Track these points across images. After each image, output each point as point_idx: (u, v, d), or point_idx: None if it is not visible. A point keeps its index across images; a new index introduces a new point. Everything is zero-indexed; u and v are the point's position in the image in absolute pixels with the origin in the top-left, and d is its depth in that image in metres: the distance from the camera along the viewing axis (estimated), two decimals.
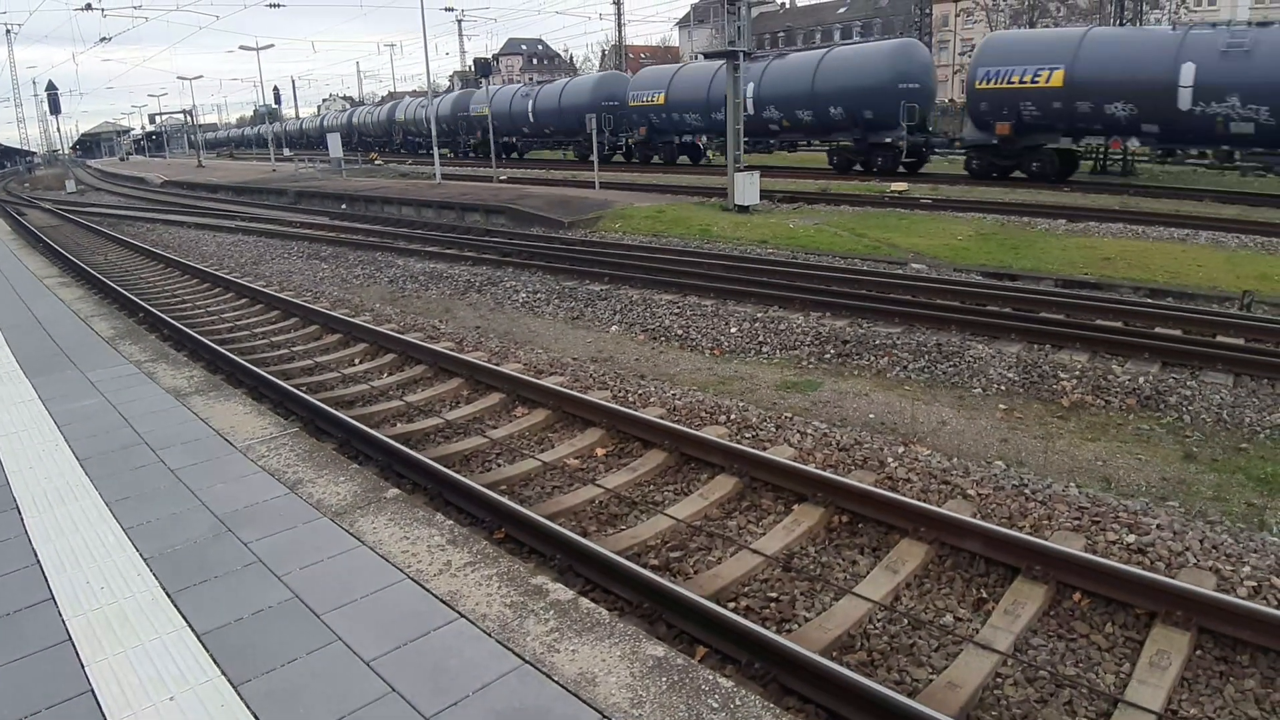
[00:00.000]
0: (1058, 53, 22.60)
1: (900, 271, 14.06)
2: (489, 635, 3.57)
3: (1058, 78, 22.39)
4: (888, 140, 27.60)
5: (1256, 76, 19.07)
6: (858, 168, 29.33)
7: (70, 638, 3.71)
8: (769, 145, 32.40)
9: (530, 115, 42.50)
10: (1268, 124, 19.30)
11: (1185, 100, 20.16)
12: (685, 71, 34.95)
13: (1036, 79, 22.80)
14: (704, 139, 34.55)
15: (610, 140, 37.99)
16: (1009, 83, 23.39)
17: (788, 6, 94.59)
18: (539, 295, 13.69)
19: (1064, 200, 20.12)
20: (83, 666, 3.50)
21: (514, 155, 46.69)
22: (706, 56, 30.35)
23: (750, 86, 28.93)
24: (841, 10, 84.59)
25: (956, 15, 70.56)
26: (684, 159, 37.23)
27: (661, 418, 7.36)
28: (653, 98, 35.05)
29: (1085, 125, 22.75)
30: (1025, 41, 24.99)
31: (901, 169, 27.85)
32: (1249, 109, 19.37)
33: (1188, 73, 19.89)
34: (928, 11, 48.41)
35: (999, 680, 4.18)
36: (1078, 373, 8.71)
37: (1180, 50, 20.18)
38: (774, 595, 4.96)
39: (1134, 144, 22.97)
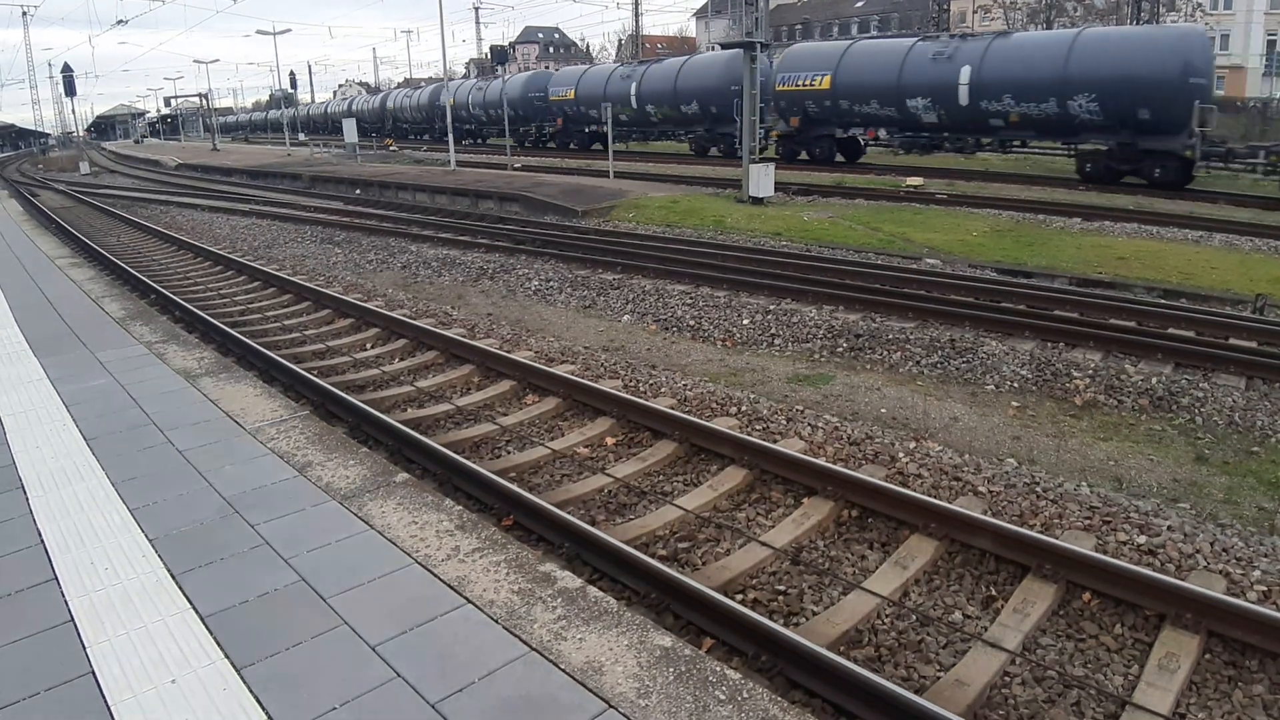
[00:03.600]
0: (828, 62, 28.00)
1: (914, 266, 13.97)
2: (496, 622, 3.57)
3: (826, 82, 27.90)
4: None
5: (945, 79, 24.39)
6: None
7: (72, 618, 3.72)
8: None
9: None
10: (942, 116, 25.24)
11: (908, 102, 25.68)
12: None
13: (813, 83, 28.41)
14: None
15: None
16: (796, 85, 28.94)
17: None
18: (551, 283, 13.68)
19: (1079, 199, 20.01)
20: (84, 648, 3.51)
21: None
22: (723, 47, 30.21)
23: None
24: (859, 4, 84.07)
25: (974, 12, 70.17)
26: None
27: (672, 408, 7.33)
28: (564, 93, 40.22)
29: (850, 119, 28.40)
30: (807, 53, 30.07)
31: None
32: (935, 104, 25.19)
33: (907, 78, 25.48)
34: (945, 7, 47.96)
35: (1007, 679, 4.16)
36: (1091, 372, 8.66)
37: (904, 60, 25.58)
38: (782, 588, 4.95)
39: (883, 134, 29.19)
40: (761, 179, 20.90)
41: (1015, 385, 8.72)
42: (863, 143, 31.59)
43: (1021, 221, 17.74)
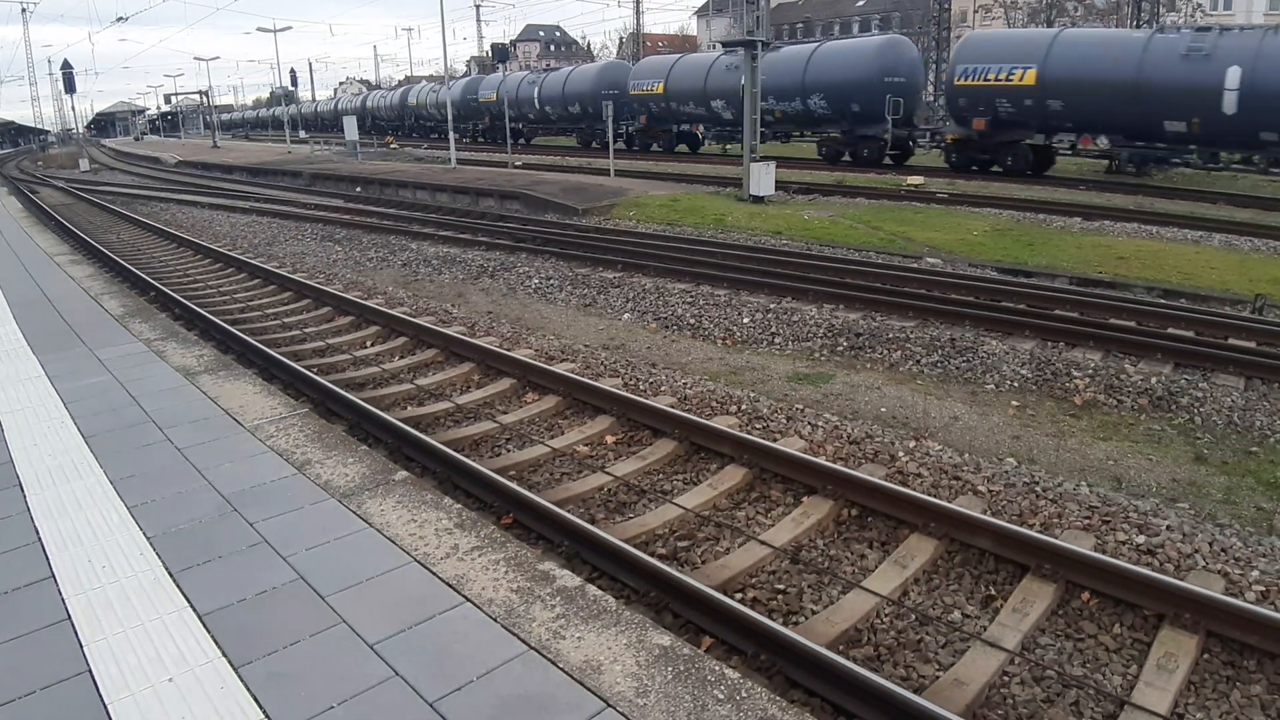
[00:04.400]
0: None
1: (915, 265, 13.97)
2: (495, 620, 3.56)
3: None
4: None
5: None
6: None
7: (69, 617, 3.71)
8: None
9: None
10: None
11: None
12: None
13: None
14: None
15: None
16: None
17: None
18: (551, 281, 13.67)
19: (1079, 198, 20.01)
20: (81, 646, 3.50)
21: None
22: (724, 46, 30.18)
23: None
24: (860, 3, 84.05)
25: (975, 11, 70.24)
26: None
27: (672, 406, 7.33)
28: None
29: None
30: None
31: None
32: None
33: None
34: (946, 6, 47.78)
35: (1006, 679, 4.16)
36: (1091, 371, 8.65)
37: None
38: (781, 587, 4.95)
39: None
40: (762, 177, 20.89)
41: (1015, 385, 8.72)
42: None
43: (1022, 221, 17.73)
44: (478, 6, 72.26)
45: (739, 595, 4.81)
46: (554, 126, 44.62)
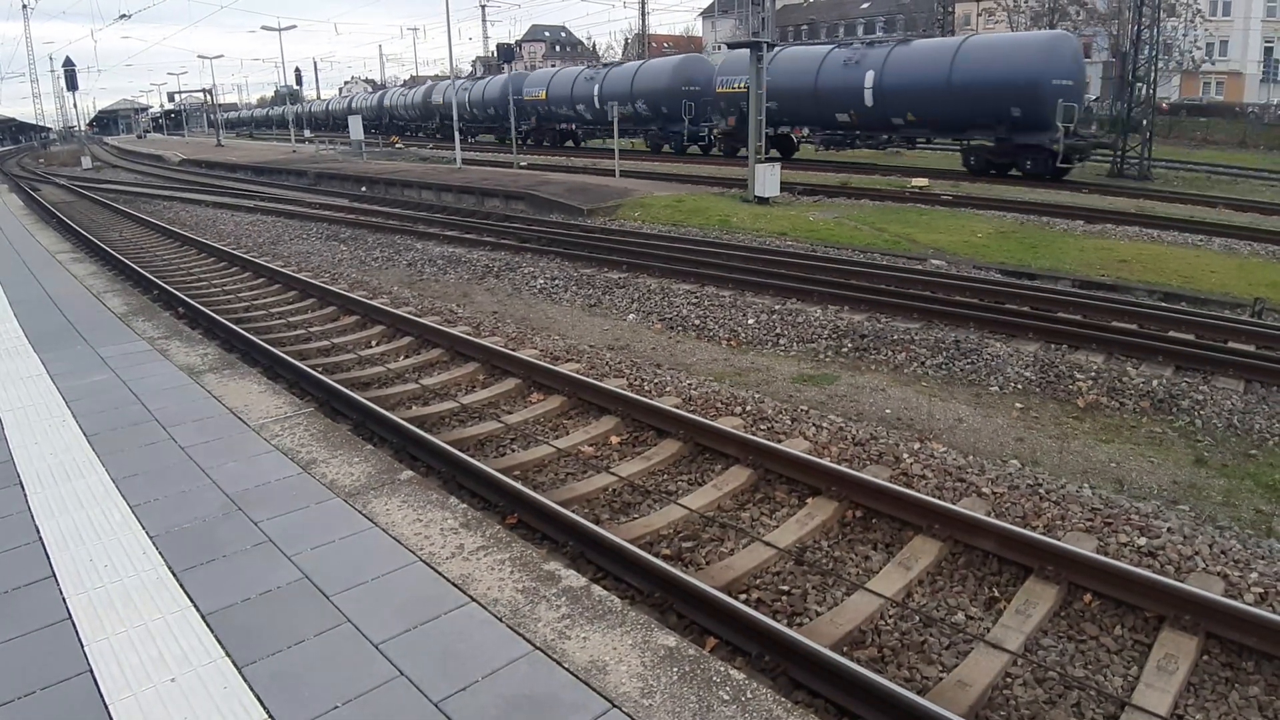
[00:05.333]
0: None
1: (919, 267, 13.99)
2: (500, 620, 3.58)
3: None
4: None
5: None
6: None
7: (70, 616, 3.70)
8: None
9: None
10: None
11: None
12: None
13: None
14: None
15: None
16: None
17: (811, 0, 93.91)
18: (557, 282, 13.70)
19: (1082, 201, 20.13)
20: (82, 646, 3.49)
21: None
22: (730, 47, 30.16)
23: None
24: (865, 5, 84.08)
25: (979, 15, 70.45)
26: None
27: (677, 407, 7.35)
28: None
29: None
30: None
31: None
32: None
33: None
34: (950, 10, 47.85)
35: (1009, 680, 4.18)
36: (1094, 374, 8.67)
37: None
38: (786, 588, 4.97)
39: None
40: (767, 179, 20.90)
41: (1019, 387, 8.74)
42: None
43: (1025, 223, 17.76)
44: (483, 7, 72.44)
45: (743, 596, 4.83)
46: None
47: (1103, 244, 15.62)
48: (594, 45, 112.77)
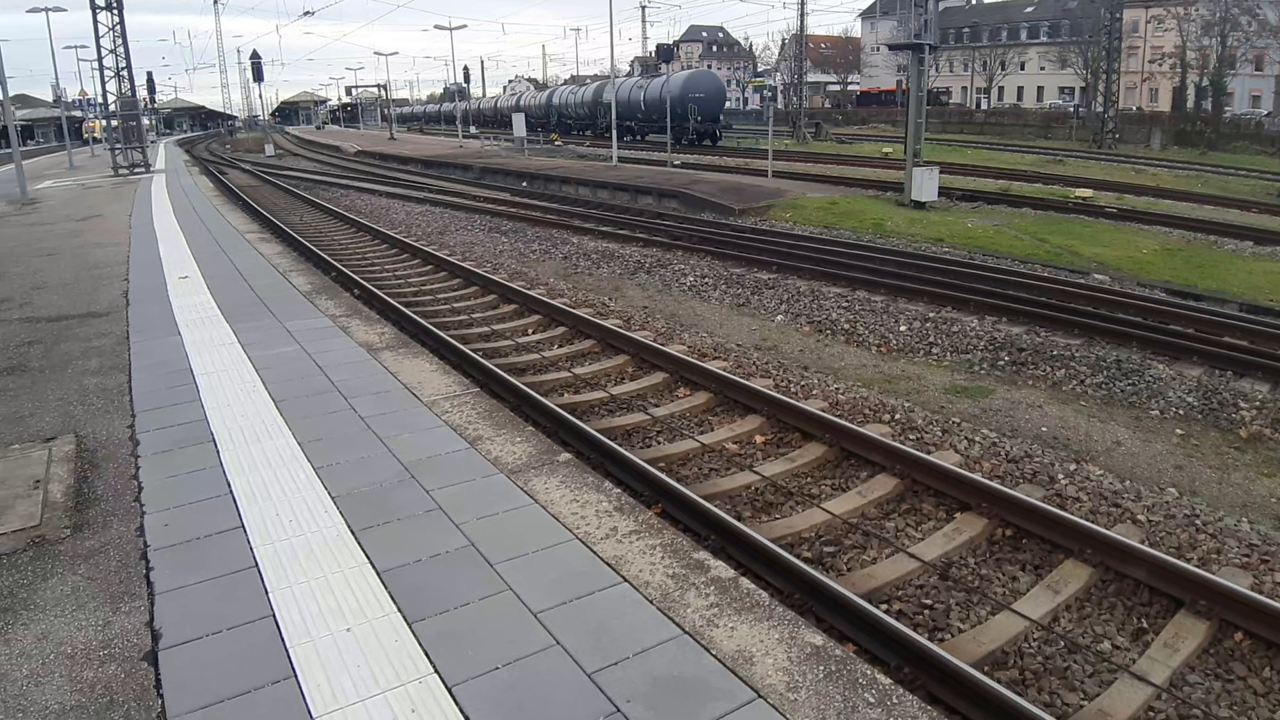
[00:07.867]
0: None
1: (1082, 281, 13.33)
2: (650, 602, 3.70)
3: None
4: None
5: None
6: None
7: (257, 564, 4.03)
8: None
9: None
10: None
11: None
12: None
13: None
14: None
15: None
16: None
17: (975, 2, 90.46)
18: (706, 280, 13.80)
19: (1251, 221, 18.92)
20: (267, 592, 3.80)
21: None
22: (891, 49, 29.51)
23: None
24: (1029, 10, 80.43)
25: (1147, 22, 66.37)
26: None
27: (824, 411, 7.32)
28: None
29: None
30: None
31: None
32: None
33: None
34: (1118, 16, 44.98)
35: (1151, 713, 4.02)
36: (1258, 403, 8.12)
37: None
38: (929, 602, 4.90)
39: None
40: (925, 183, 20.37)
41: (1180, 412, 8.26)
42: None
43: (1192, 241, 16.78)
44: (643, 7, 73.27)
45: (884, 606, 4.79)
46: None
47: (1273, 267, 14.58)
48: (751, 46, 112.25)
